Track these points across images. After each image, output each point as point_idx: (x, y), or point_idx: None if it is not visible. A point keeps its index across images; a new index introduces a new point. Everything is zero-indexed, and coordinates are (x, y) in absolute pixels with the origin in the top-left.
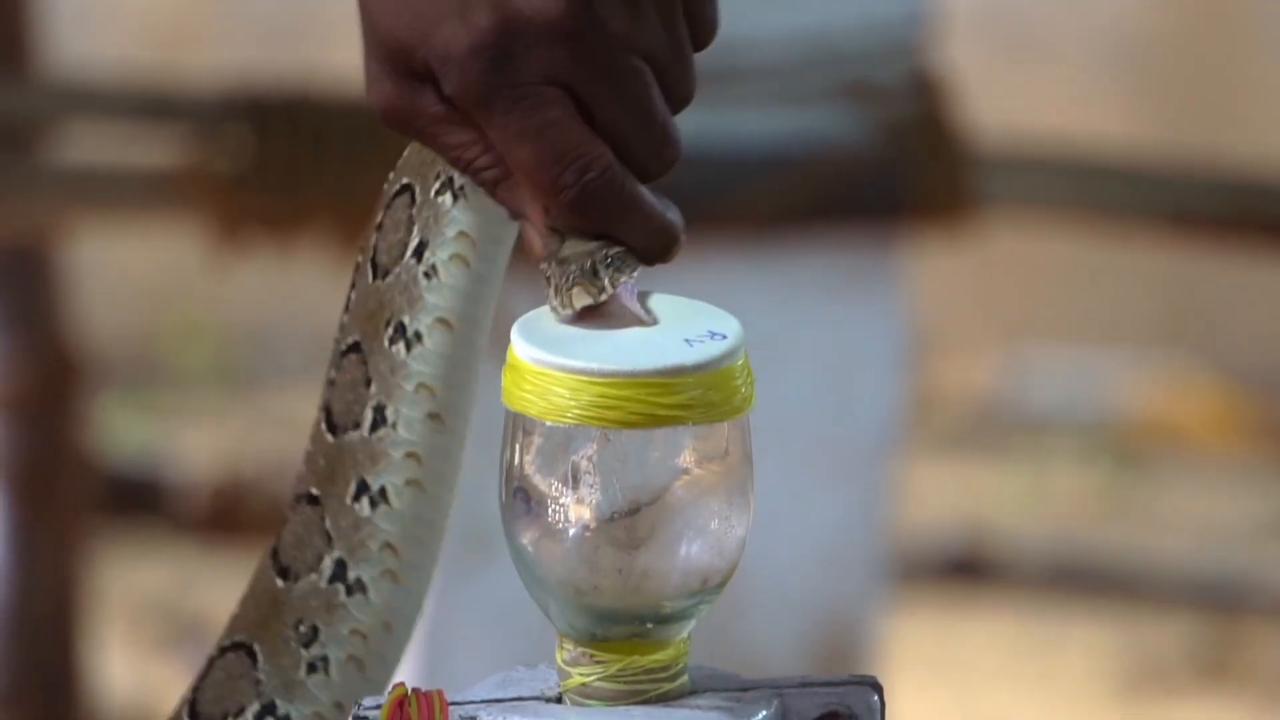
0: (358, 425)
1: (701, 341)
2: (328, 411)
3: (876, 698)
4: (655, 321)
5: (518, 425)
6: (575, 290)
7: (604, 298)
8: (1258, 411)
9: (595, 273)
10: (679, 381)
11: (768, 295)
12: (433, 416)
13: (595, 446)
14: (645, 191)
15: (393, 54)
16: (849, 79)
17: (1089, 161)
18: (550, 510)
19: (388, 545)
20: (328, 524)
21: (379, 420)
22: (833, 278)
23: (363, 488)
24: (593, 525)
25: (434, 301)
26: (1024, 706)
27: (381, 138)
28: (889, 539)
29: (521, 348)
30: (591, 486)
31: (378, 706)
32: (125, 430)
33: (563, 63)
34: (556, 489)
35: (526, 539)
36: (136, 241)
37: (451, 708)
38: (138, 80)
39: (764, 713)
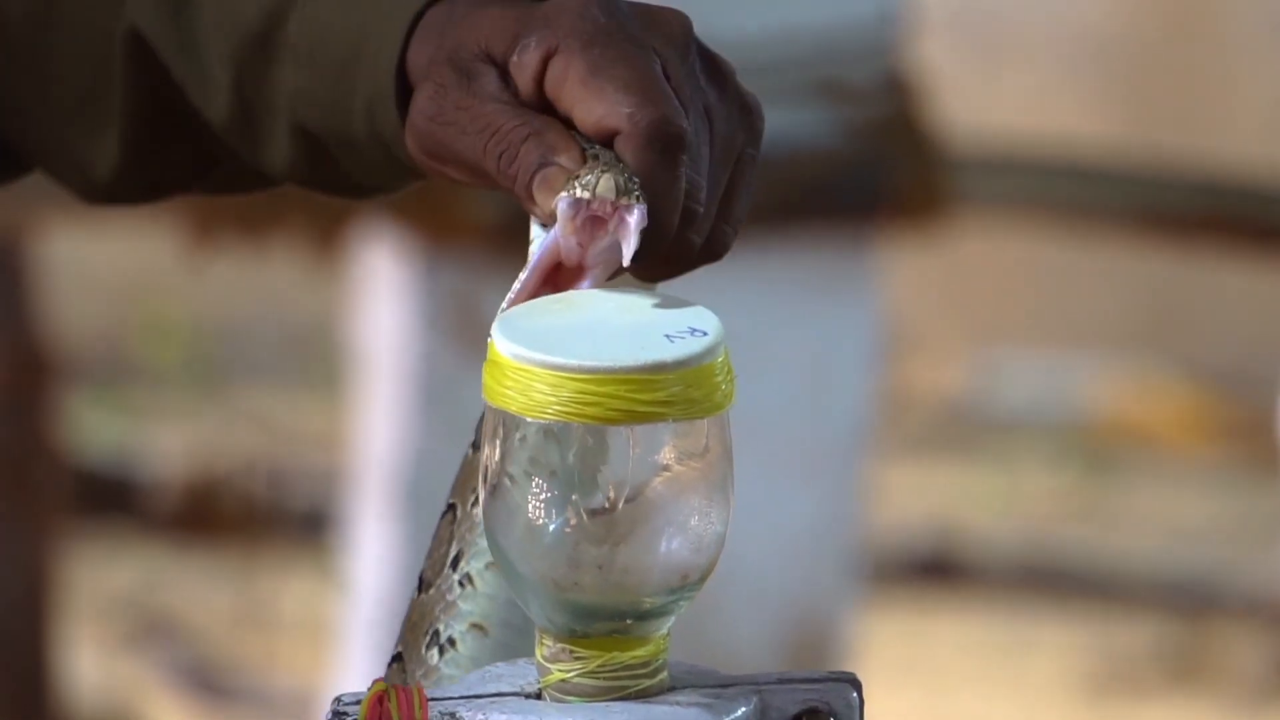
0: None
1: (682, 338)
2: None
3: (855, 694)
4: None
5: (498, 421)
6: (605, 177)
7: (625, 199)
8: (1227, 412)
9: (629, 176)
10: (660, 378)
11: (740, 294)
12: None
13: (576, 443)
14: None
15: (479, 48)
16: (821, 79)
17: (1060, 162)
18: (530, 506)
19: None
20: None
21: None
22: (805, 278)
23: None
24: (573, 521)
25: (468, 608)
26: (994, 707)
27: None
28: (861, 538)
29: (502, 344)
30: (571, 483)
31: (357, 702)
32: (97, 427)
33: (669, 59)
34: (537, 485)
35: (507, 535)
36: (109, 238)
37: (431, 704)
38: None
39: (743, 709)
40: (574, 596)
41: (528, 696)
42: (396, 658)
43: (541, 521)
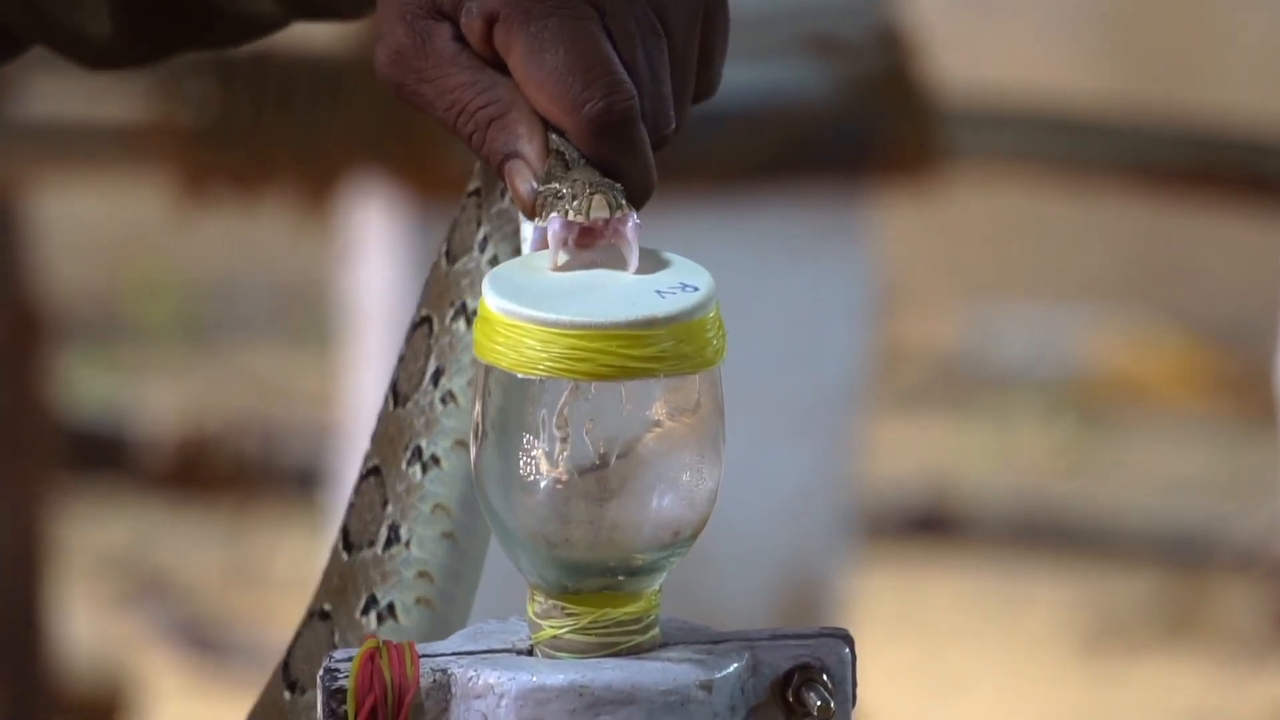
0: (372, 543)
1: (673, 293)
2: (345, 532)
3: (847, 650)
4: (635, 268)
5: (489, 377)
6: (596, 199)
7: (619, 214)
8: (1221, 365)
9: (619, 190)
10: (651, 334)
11: (733, 250)
12: (447, 536)
13: (567, 399)
14: (647, 138)
15: (429, 2)
16: (813, 34)
17: (1054, 116)
18: (521, 462)
19: None
20: (336, 638)
21: (392, 538)
22: (798, 232)
23: (371, 602)
24: (564, 478)
25: (452, 425)
26: (987, 662)
27: (345, 93)
28: (854, 494)
29: (493, 299)
30: (563, 439)
31: (349, 659)
32: (88, 385)
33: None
34: (528, 441)
35: (498, 491)
36: (100, 196)
37: (422, 660)
38: None
39: (735, 665)
40: (565, 553)
41: (519, 653)
42: (373, 471)
43: (532, 478)
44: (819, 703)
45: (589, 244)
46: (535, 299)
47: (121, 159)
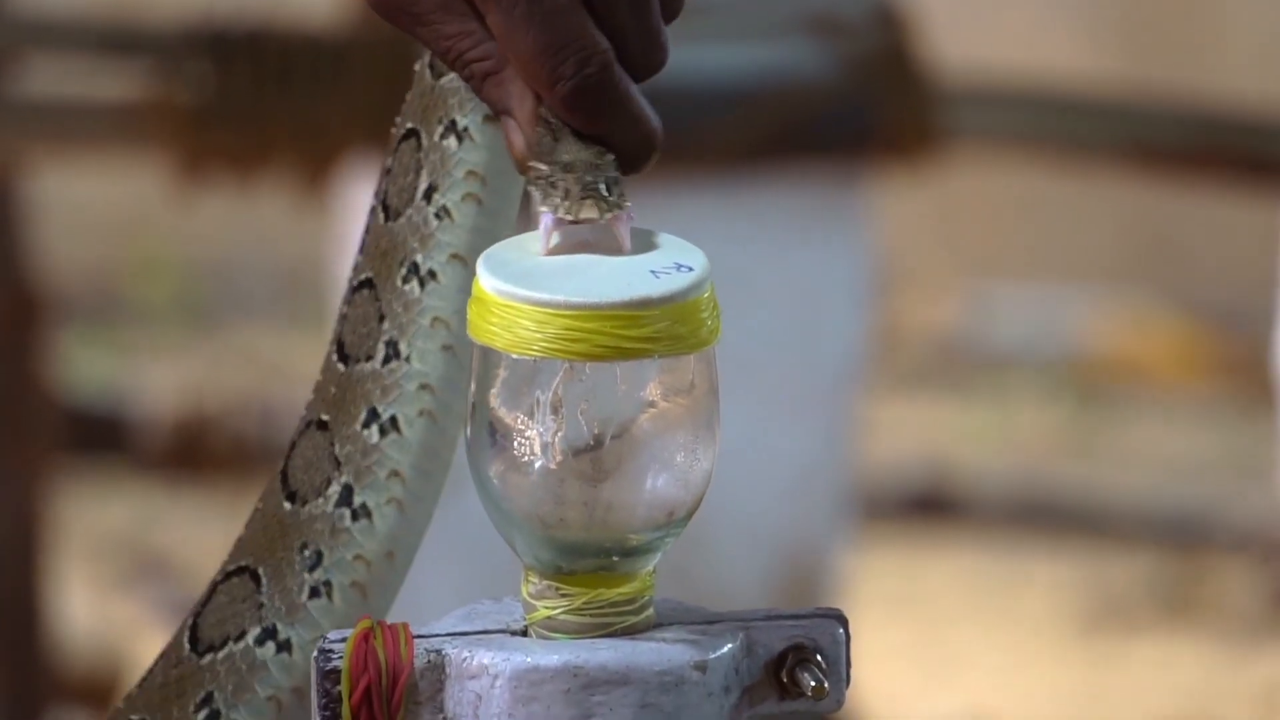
0: (370, 358)
1: (668, 274)
2: (339, 344)
3: (842, 630)
4: (629, 251)
5: (484, 358)
6: (586, 203)
7: (609, 216)
8: (1221, 347)
9: (608, 189)
10: (645, 314)
11: (731, 230)
12: (446, 349)
13: (561, 379)
14: (637, 93)
15: None
16: (812, 13)
17: (1052, 96)
18: (516, 443)
19: (395, 474)
20: (336, 449)
21: (392, 354)
22: (796, 213)
23: (372, 416)
24: (559, 458)
25: (447, 240)
26: (986, 642)
27: (345, 71)
28: (853, 475)
29: (487, 280)
30: (557, 419)
31: (343, 640)
32: (88, 366)
33: None
34: (522, 422)
35: (492, 472)
36: (99, 176)
37: (417, 641)
38: (100, 14)
39: (730, 645)
40: (559, 533)
41: (513, 634)
42: (366, 284)
43: (527, 458)
44: (813, 683)
45: (581, 233)
46: (530, 280)
47: (120, 139)
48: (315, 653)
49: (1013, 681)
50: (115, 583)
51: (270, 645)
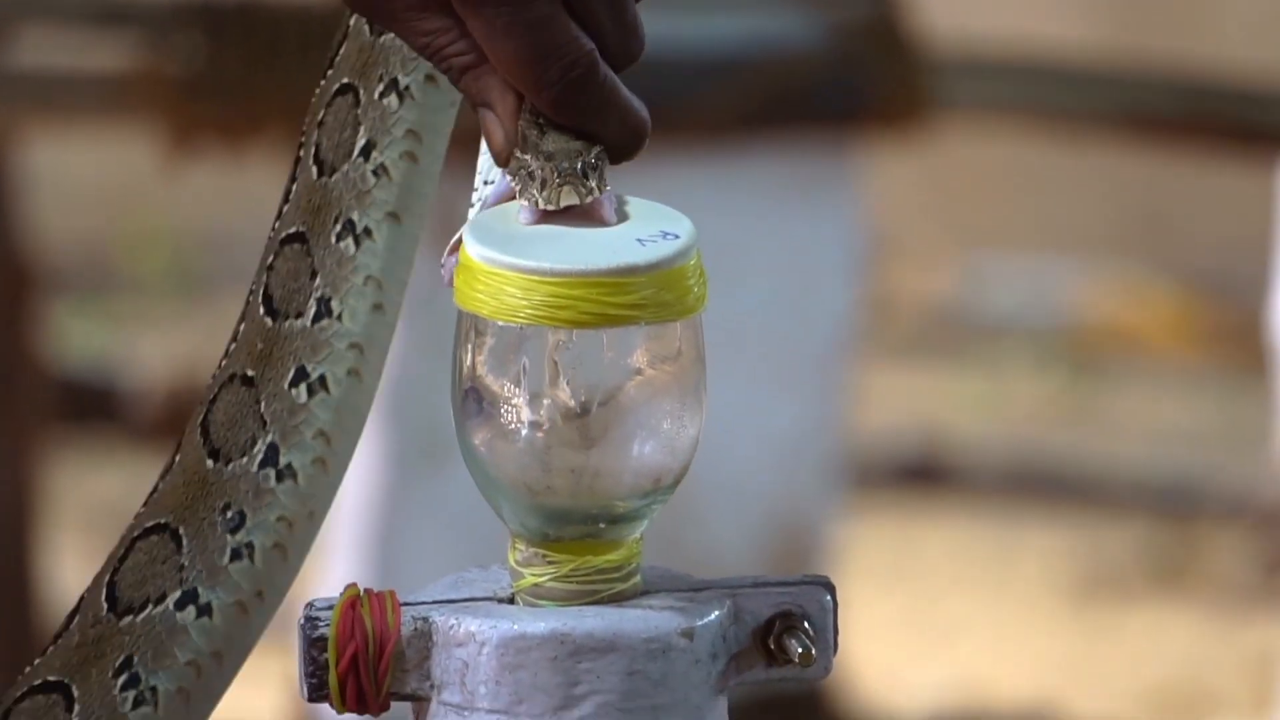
0: (300, 315)
1: (654, 241)
2: (268, 297)
3: (829, 597)
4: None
5: (470, 325)
6: (565, 189)
7: (590, 199)
8: (1213, 316)
9: (585, 175)
10: (631, 281)
11: (722, 200)
12: (376, 307)
13: (548, 347)
14: (622, 86)
15: None
16: None
17: (1044, 65)
18: (503, 410)
19: (321, 433)
20: (262, 408)
21: (324, 312)
22: (787, 182)
23: (301, 374)
24: (545, 425)
25: (383, 198)
26: (979, 611)
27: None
28: (844, 443)
29: (474, 248)
30: (544, 387)
31: (330, 607)
32: (80, 337)
33: None
34: (509, 389)
35: (479, 439)
36: (90, 147)
37: (404, 609)
38: None
39: (717, 613)
40: (546, 500)
41: (500, 601)
42: (296, 238)
43: (513, 426)
44: (800, 650)
45: (565, 216)
46: (516, 247)
47: (111, 110)
48: (301, 620)
49: (1005, 650)
50: (107, 553)
51: (191, 609)
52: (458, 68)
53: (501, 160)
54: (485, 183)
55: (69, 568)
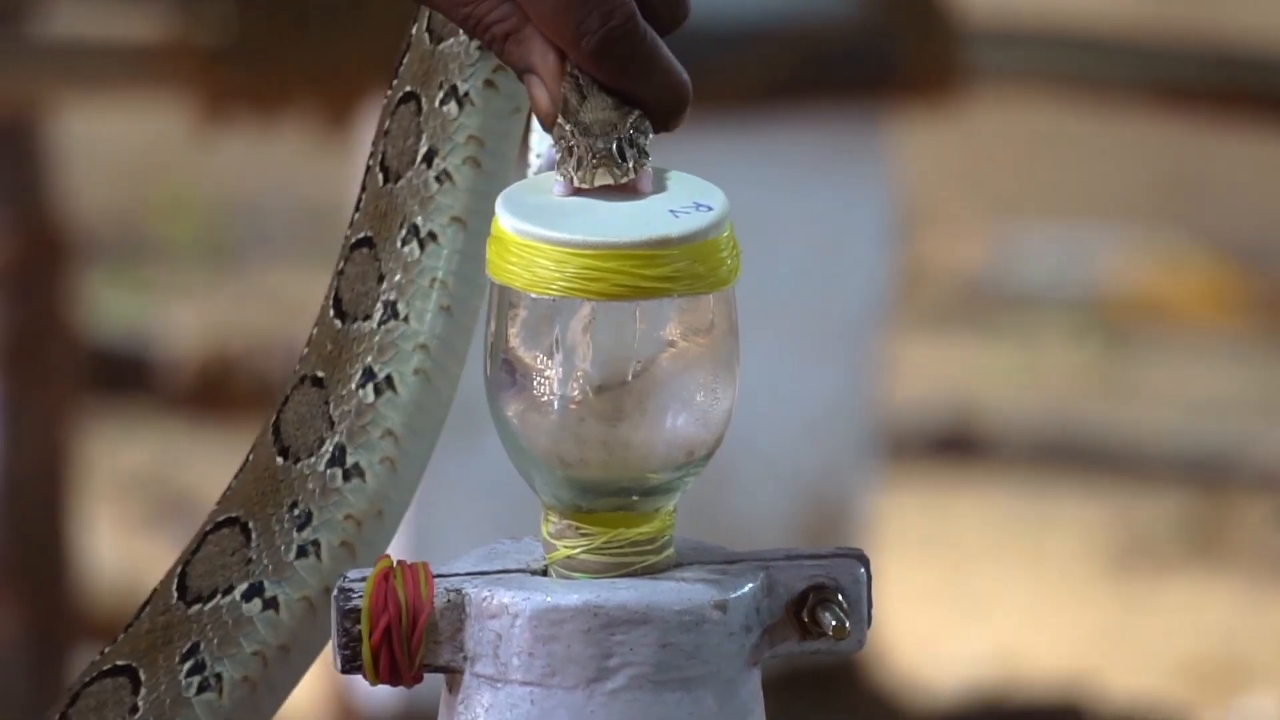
0: (367, 317)
1: (687, 213)
2: (337, 300)
3: (863, 570)
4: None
5: (503, 298)
6: (599, 171)
7: (625, 180)
8: (1247, 285)
9: (622, 154)
10: (664, 253)
11: (753, 170)
12: (444, 309)
13: (580, 319)
14: (664, 47)
15: None
16: None
17: (1078, 35)
18: (535, 383)
19: (389, 433)
20: (331, 408)
21: (389, 314)
22: (819, 152)
23: (368, 375)
24: (578, 398)
25: (447, 203)
26: (1013, 582)
27: (363, 12)
28: (877, 415)
29: (506, 220)
30: (577, 359)
31: (363, 579)
32: (112, 306)
33: None
34: (541, 362)
35: (512, 412)
36: (121, 116)
37: (437, 580)
38: None
39: (750, 585)
40: (579, 473)
41: (533, 573)
42: (364, 243)
43: (546, 398)
44: (834, 622)
45: (599, 191)
46: (549, 219)
47: (142, 80)
48: (335, 591)
49: (1040, 622)
50: (140, 522)
51: (257, 602)
52: (499, 35)
53: (548, 124)
54: (537, 156)
55: (101, 536)
